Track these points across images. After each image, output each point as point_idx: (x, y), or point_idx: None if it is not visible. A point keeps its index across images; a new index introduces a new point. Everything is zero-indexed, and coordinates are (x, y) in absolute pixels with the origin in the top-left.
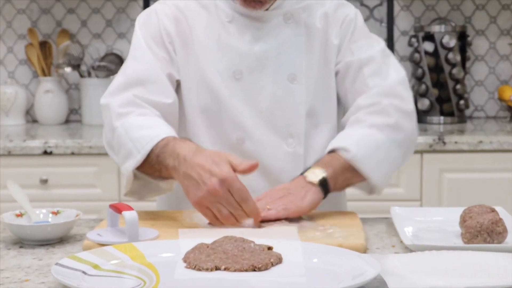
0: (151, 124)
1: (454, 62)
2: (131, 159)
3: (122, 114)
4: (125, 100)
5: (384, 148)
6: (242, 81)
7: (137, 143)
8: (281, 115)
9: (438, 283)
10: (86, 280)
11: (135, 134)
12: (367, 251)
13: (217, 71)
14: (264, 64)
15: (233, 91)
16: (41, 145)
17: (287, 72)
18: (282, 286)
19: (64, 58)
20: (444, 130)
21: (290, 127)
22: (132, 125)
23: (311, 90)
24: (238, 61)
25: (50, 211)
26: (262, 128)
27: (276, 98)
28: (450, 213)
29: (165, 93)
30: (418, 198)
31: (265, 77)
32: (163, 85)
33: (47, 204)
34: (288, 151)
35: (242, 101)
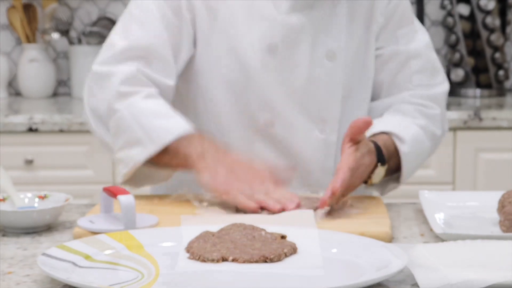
0: (168, 113)
1: (492, 27)
2: (139, 147)
3: (126, 94)
4: (129, 75)
5: (423, 156)
6: (276, 56)
7: (152, 133)
8: (316, 97)
9: (473, 276)
10: (76, 272)
11: (149, 122)
12: (392, 240)
13: (248, 42)
14: (300, 37)
15: (266, 66)
16: (26, 121)
17: (325, 48)
18: (297, 279)
19: (51, 22)
20: (480, 104)
21: (324, 111)
22: (142, 110)
23: (348, 70)
24: (273, 33)
25: (36, 195)
26: (293, 111)
27: (311, 77)
28: (487, 198)
29: (168, 73)
30: (451, 181)
31: (301, 52)
32: (168, 63)
33: (33, 187)
34: (320, 138)
35: (274, 78)
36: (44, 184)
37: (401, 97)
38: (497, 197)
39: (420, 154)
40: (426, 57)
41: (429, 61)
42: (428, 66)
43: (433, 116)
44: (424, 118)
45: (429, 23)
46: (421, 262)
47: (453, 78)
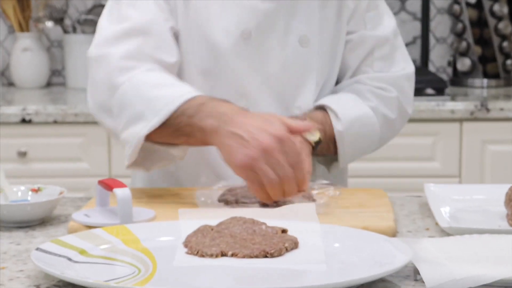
0: (169, 82)
1: (500, 14)
2: (142, 122)
3: (127, 68)
4: (128, 51)
5: (370, 140)
6: (250, 42)
7: (154, 104)
8: (290, 83)
9: (479, 271)
10: (71, 267)
11: (150, 93)
12: (396, 234)
13: (222, 28)
14: (273, 23)
15: (240, 53)
16: (19, 112)
17: (299, 33)
18: (298, 274)
19: (44, 10)
20: (487, 94)
21: (298, 98)
22: (143, 82)
23: (322, 56)
24: (247, 19)
25: (29, 188)
26: (267, 98)
27: (285, 63)
28: (494, 191)
29: (168, 50)
30: (457, 173)
31: (274, 38)
32: (166, 40)
33: (26, 180)
34: None
35: (248, 65)
36: (37, 177)
37: (357, 79)
38: (505, 190)
39: (366, 136)
40: (390, 46)
41: (392, 49)
42: (390, 55)
43: (387, 98)
44: (377, 100)
45: (435, 11)
46: (426, 257)
47: (459, 67)
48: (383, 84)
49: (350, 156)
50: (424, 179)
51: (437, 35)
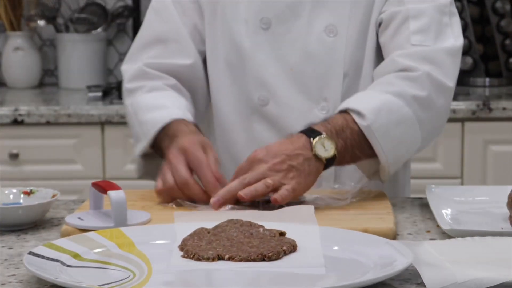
0: (157, 104)
1: (502, 12)
2: (138, 143)
3: (132, 90)
4: (135, 72)
5: (406, 125)
6: (269, 32)
7: (144, 128)
8: (315, 74)
9: (481, 274)
10: (65, 272)
11: (143, 117)
12: (397, 237)
13: (243, 19)
14: (296, 12)
15: (258, 43)
16: (11, 113)
17: (325, 23)
18: (296, 278)
19: (36, 9)
20: (490, 93)
21: (325, 89)
22: (140, 105)
23: (351, 45)
24: (266, 8)
25: (21, 191)
26: (290, 88)
27: (309, 54)
28: (497, 192)
29: (185, 53)
30: (459, 174)
31: (297, 28)
32: (183, 43)
33: (18, 182)
34: (320, 117)
35: (268, 55)
36: (30, 179)
37: (388, 60)
38: (507, 192)
39: (399, 123)
40: (431, 18)
41: (434, 22)
42: (433, 28)
43: (414, 78)
44: (402, 83)
45: None
46: (427, 260)
47: (461, 66)
48: (412, 62)
49: (392, 149)
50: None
51: None
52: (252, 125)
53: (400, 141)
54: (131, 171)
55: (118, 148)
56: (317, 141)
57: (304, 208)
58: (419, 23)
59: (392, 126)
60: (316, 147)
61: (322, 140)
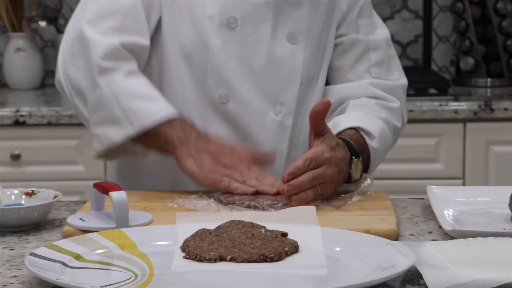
0: (150, 95)
1: (504, 12)
2: (116, 127)
3: (107, 70)
4: (109, 48)
5: (386, 151)
6: (235, 31)
7: (132, 116)
8: (274, 78)
9: (484, 275)
10: (66, 273)
11: (130, 104)
12: (399, 238)
13: (208, 14)
14: (262, 16)
15: (224, 41)
16: (12, 114)
17: (287, 30)
18: (298, 279)
19: (38, 10)
20: (491, 94)
21: (282, 93)
22: (122, 90)
23: (309, 54)
24: (233, 7)
25: (23, 192)
26: (249, 89)
27: (271, 58)
28: (498, 193)
29: (143, 33)
30: (460, 175)
31: (263, 31)
32: (142, 22)
33: (20, 183)
34: (275, 120)
35: (232, 54)
36: (31, 180)
37: (361, 84)
38: (509, 192)
39: (386, 148)
40: (384, 52)
41: (387, 57)
42: (386, 62)
43: (394, 109)
44: (386, 112)
45: (438, 9)
46: (429, 261)
47: (462, 66)
48: (386, 93)
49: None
50: (427, 181)
51: (439, 33)
52: (208, 120)
53: (379, 164)
54: None
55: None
56: (355, 162)
57: (306, 209)
58: (377, 56)
59: (383, 151)
60: (353, 168)
61: (357, 162)
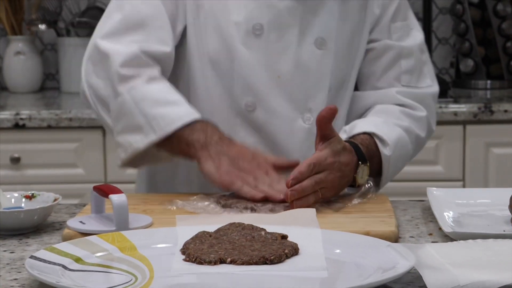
0: (171, 99)
1: (504, 14)
2: (139, 134)
3: (127, 77)
4: (129, 56)
5: (405, 159)
6: (261, 38)
7: (154, 122)
8: (302, 84)
9: (484, 277)
10: (66, 275)
11: (152, 110)
12: (399, 240)
13: (233, 22)
14: (289, 22)
15: (250, 48)
16: (12, 117)
17: (315, 35)
18: (298, 281)
19: (37, 13)
20: (491, 96)
21: (310, 100)
22: (146, 97)
23: (338, 60)
24: (259, 14)
25: (23, 195)
26: (277, 96)
27: (298, 64)
28: (498, 195)
29: (166, 40)
30: (460, 177)
31: (289, 37)
32: (165, 30)
33: (20, 186)
34: (303, 127)
35: (259, 61)
36: (31, 183)
37: (389, 93)
38: (509, 194)
39: (402, 157)
40: (417, 58)
41: (419, 63)
42: (417, 68)
43: (419, 118)
44: (409, 120)
45: (437, 11)
46: (430, 262)
47: (462, 68)
48: (413, 101)
49: (390, 178)
50: (427, 183)
51: (439, 35)
52: (235, 128)
53: (396, 172)
54: (133, 175)
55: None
56: (362, 167)
57: (306, 211)
58: (408, 64)
59: (399, 160)
60: (359, 171)
61: (363, 167)
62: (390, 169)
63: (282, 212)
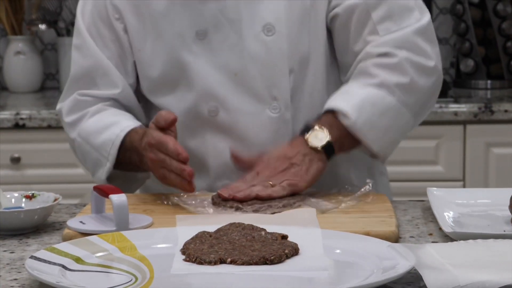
0: (106, 123)
1: (504, 14)
2: (100, 168)
3: (74, 122)
4: (71, 104)
5: (391, 113)
6: (207, 41)
7: (102, 151)
8: (260, 75)
9: (484, 277)
10: (66, 276)
11: (96, 141)
12: (399, 240)
13: (177, 34)
14: (231, 17)
15: (198, 54)
16: (12, 117)
17: (261, 22)
18: (298, 281)
19: (37, 13)
20: (491, 96)
21: (273, 88)
22: (88, 132)
23: (293, 40)
24: (199, 19)
25: (23, 195)
26: (238, 94)
27: (251, 56)
28: (499, 195)
29: (113, 83)
30: (461, 177)
31: (235, 32)
32: (110, 75)
33: (20, 186)
34: (273, 118)
35: (210, 65)
36: (31, 183)
37: (364, 52)
38: (510, 194)
39: (383, 114)
40: (388, 1)
41: (394, 4)
42: (395, 9)
43: (392, 65)
44: (382, 71)
45: (437, 11)
46: (430, 263)
47: (462, 68)
48: (387, 48)
49: (381, 139)
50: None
51: (439, 35)
52: (204, 136)
53: (388, 129)
54: None
55: None
56: (310, 134)
57: (306, 211)
58: (380, 12)
59: (376, 118)
60: (310, 140)
61: (315, 132)
62: (368, 133)
63: (282, 212)
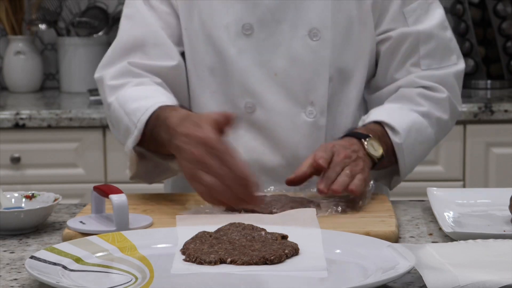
0: (147, 94)
1: (504, 14)
2: (130, 136)
3: (116, 86)
4: (118, 70)
5: (427, 144)
6: (252, 38)
7: (133, 116)
8: (300, 78)
9: (484, 277)
10: (66, 276)
11: (130, 106)
12: (399, 240)
13: (223, 25)
14: (279, 17)
15: (242, 49)
16: (12, 117)
17: (307, 26)
18: (298, 281)
19: (37, 12)
20: (491, 96)
21: (311, 93)
22: (126, 97)
23: (337, 47)
24: (247, 14)
25: (23, 195)
26: (276, 94)
27: (293, 58)
28: (499, 195)
29: (168, 55)
30: (461, 177)
31: (281, 32)
32: (165, 46)
33: (20, 186)
34: (307, 122)
35: (253, 61)
36: (31, 183)
37: (407, 80)
38: (510, 194)
39: (421, 143)
40: (437, 39)
41: (441, 43)
42: (440, 48)
43: (438, 100)
44: (428, 103)
45: None
46: (430, 263)
47: None
48: (433, 83)
49: (410, 166)
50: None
51: None
52: (238, 132)
53: (420, 157)
54: None
55: (119, 151)
56: (368, 141)
57: (306, 211)
58: (428, 47)
59: (417, 145)
60: (368, 147)
61: (371, 141)
62: (407, 157)
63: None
